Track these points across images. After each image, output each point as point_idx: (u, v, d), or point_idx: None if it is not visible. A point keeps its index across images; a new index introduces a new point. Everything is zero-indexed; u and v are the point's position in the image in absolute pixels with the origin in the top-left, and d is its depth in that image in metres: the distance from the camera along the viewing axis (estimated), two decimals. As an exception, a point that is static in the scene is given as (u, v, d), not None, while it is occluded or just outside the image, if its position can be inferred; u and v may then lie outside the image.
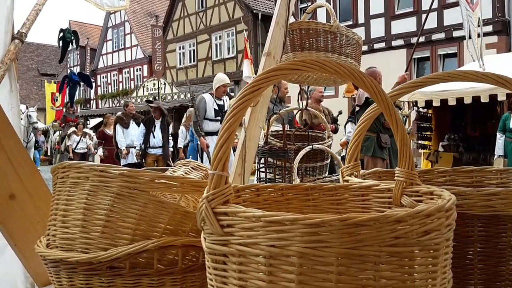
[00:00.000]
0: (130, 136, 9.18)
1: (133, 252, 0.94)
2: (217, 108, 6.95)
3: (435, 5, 14.68)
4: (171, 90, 19.88)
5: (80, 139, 12.87)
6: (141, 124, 8.82)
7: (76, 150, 12.74)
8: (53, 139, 15.02)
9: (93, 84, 31.26)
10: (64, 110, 15.03)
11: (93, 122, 20.17)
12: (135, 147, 9.08)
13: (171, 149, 9.07)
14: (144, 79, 24.47)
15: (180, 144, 9.54)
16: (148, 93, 19.19)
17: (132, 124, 9.30)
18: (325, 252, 0.60)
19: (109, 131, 10.17)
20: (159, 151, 8.66)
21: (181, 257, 1.00)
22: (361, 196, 0.94)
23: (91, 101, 32.88)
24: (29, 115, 11.99)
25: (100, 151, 11.13)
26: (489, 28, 13.52)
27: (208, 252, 0.71)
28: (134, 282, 0.97)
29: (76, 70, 33.14)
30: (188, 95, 19.54)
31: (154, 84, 20.11)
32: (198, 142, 7.30)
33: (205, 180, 1.09)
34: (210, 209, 0.68)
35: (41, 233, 1.17)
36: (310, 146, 2.49)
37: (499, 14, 13.46)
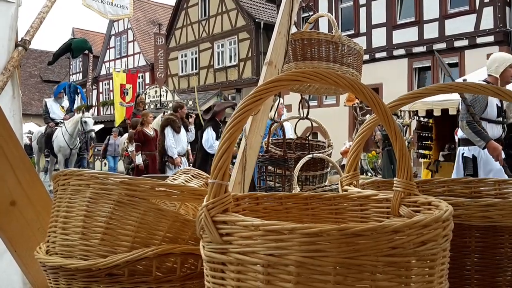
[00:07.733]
0: (180, 143, 7.89)
1: (132, 259, 0.94)
2: (499, 105, 4.65)
3: (436, 15, 14.80)
4: (172, 97, 19.90)
5: None
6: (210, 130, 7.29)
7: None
8: (120, 144, 11.63)
9: (95, 91, 31.39)
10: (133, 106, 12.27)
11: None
12: (184, 155, 8.01)
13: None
14: (146, 87, 24.51)
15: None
16: (150, 100, 19.22)
17: (182, 129, 8.02)
18: (323, 261, 0.60)
19: (149, 132, 8.38)
20: None
21: (179, 265, 1.00)
22: (360, 206, 0.94)
23: (93, 108, 32.93)
24: (85, 121, 10.22)
25: (139, 158, 8.31)
26: (491, 38, 13.59)
27: (206, 260, 0.71)
28: (133, 289, 0.98)
29: (79, 76, 33.29)
30: (190, 102, 19.57)
31: (156, 92, 20.14)
32: None
33: (205, 188, 1.09)
34: (209, 218, 0.69)
35: (41, 240, 1.17)
36: (311, 155, 2.50)
37: (501, 25, 13.52)
